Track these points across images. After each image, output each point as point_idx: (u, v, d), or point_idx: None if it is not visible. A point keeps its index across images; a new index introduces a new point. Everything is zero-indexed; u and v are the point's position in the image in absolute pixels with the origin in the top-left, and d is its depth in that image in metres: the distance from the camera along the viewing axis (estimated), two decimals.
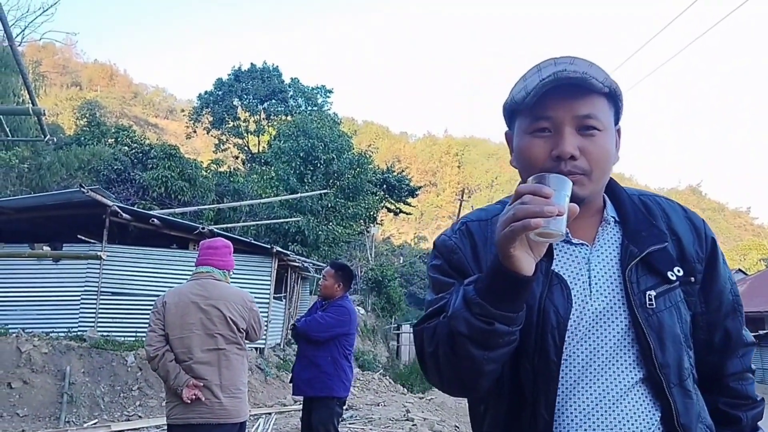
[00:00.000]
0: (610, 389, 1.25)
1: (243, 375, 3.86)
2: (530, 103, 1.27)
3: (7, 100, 20.39)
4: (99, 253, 6.82)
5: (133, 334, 12.49)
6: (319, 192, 23.14)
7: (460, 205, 31.56)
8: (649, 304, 1.26)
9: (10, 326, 11.72)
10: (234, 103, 35.74)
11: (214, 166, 29.34)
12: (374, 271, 29.70)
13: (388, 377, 19.00)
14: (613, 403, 1.24)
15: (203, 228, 13.94)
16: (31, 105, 6.40)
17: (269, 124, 35.55)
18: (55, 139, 22.63)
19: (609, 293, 1.29)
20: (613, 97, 1.32)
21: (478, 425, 1.40)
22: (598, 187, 1.32)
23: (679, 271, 1.32)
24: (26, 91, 22.45)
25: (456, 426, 11.54)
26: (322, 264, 18.33)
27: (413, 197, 36.66)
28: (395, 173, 35.07)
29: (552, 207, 1.04)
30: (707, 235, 1.41)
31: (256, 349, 14.20)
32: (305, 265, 18.63)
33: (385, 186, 32.17)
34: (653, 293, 1.27)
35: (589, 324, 1.27)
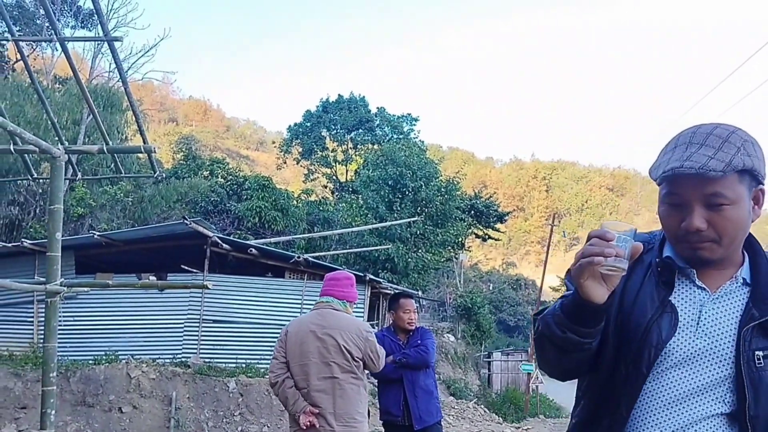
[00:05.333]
0: (690, 412, 1.40)
1: (359, 404, 3.92)
2: (660, 183, 1.44)
3: (112, 137, 21.60)
4: (206, 283, 7.10)
5: (234, 360, 12.85)
6: (408, 220, 23.24)
7: (551, 230, 30.83)
8: (757, 363, 1.38)
9: (119, 353, 12.29)
10: (322, 133, 36.59)
11: (305, 195, 30.02)
12: (463, 297, 29.46)
13: (482, 406, 18.73)
14: (691, 423, 1.39)
15: (298, 257, 14.26)
16: (142, 143, 6.76)
17: (356, 153, 36.18)
18: (164, 174, 23.84)
19: (716, 340, 1.41)
20: (744, 170, 1.36)
21: (574, 410, 1.63)
22: (729, 251, 1.43)
23: None
24: (128, 129, 23.73)
25: None
26: (413, 291, 18.34)
27: (502, 223, 36.24)
28: (483, 199, 34.84)
29: (610, 249, 1.26)
30: None
31: None
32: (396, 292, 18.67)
33: (473, 212, 31.94)
34: (761, 354, 1.38)
35: (687, 355, 1.41)
